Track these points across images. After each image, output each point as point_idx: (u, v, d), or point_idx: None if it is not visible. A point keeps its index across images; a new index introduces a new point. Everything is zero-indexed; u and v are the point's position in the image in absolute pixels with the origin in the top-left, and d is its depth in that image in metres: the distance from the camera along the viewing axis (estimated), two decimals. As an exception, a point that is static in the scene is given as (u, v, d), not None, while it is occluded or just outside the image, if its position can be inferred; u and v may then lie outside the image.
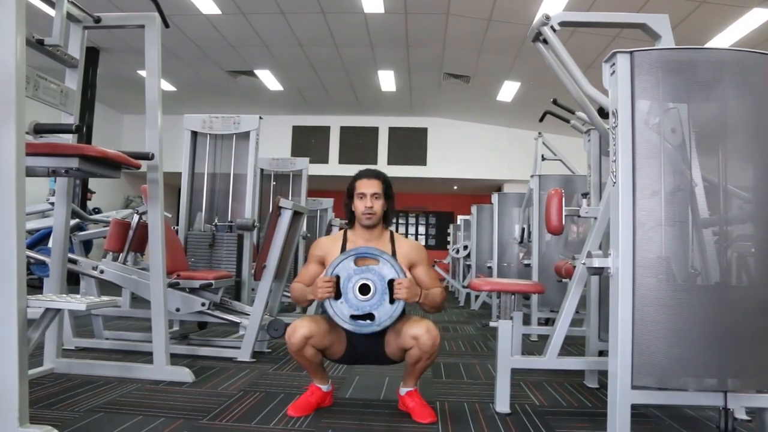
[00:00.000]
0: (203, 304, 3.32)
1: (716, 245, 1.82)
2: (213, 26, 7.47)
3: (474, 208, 7.18)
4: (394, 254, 2.29)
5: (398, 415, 2.28)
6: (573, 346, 3.98)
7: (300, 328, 2.16)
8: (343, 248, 2.33)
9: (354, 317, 2.14)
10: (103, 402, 2.30)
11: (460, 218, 8.99)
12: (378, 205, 2.32)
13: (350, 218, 2.40)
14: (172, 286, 3.25)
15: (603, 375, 2.80)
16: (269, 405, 2.36)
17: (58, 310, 2.16)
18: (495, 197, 5.73)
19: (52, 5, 2.47)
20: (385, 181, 2.38)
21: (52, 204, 2.88)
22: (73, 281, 3.34)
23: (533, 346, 4.16)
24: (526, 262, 4.64)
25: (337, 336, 2.25)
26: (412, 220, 15.95)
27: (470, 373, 3.21)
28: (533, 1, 6.15)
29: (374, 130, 11.85)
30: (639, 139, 1.80)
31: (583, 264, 2.09)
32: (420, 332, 2.12)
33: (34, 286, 4.75)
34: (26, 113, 1.76)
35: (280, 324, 3.45)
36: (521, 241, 4.85)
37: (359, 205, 2.32)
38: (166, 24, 2.78)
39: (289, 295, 5.25)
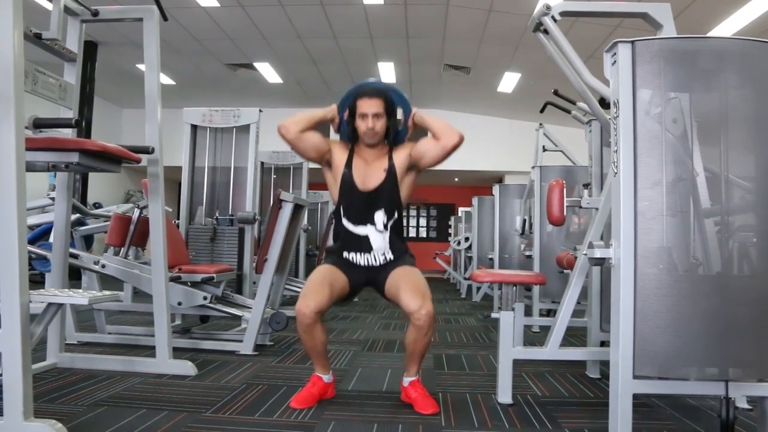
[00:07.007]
0: (205, 298, 3.33)
1: (718, 235, 1.82)
2: (212, 19, 7.44)
3: (475, 200, 7.17)
4: (392, 169, 2.32)
5: (401, 406, 2.29)
6: (574, 336, 3.99)
7: (310, 302, 2.13)
8: (349, 161, 2.35)
9: None
10: (107, 396, 2.31)
11: (461, 210, 8.99)
12: (380, 125, 2.30)
13: (352, 135, 2.37)
14: (173, 280, 3.25)
15: (604, 365, 2.80)
16: (272, 398, 2.37)
17: (61, 305, 2.17)
18: (496, 189, 5.72)
19: (50, -1, 2.46)
20: (387, 98, 2.32)
21: (53, 199, 2.88)
22: (74, 276, 3.34)
23: (535, 337, 4.17)
24: (527, 253, 4.64)
25: (340, 283, 2.27)
26: (413, 212, 15.96)
27: (472, 364, 3.22)
28: (533, -9, 6.12)
29: (374, 122, 11.82)
30: (640, 130, 1.80)
31: (585, 255, 2.09)
32: (414, 307, 2.10)
33: (36, 282, 4.76)
34: (25, 108, 1.76)
35: (281, 317, 3.45)
36: (522, 233, 4.84)
37: (361, 125, 2.31)
38: (164, 17, 2.76)
39: (290, 288, 5.28)
